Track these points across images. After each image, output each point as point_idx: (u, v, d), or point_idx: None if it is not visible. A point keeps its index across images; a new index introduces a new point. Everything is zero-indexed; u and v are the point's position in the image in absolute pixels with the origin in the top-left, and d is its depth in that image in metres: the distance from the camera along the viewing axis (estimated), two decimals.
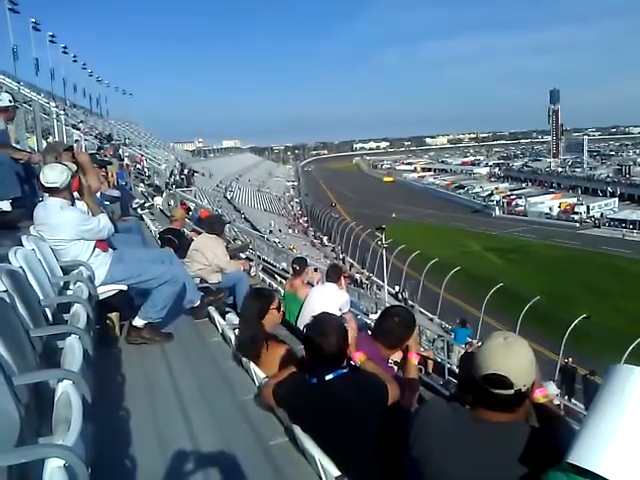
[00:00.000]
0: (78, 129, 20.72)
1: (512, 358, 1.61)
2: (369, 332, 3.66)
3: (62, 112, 19.22)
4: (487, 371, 1.60)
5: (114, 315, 4.05)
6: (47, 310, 2.81)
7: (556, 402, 11.91)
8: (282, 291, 7.77)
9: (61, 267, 3.50)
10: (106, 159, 11.07)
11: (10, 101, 5.52)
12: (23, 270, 2.69)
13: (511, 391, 1.60)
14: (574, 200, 61.21)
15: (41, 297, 2.80)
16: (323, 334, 2.41)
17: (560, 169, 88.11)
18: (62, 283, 3.39)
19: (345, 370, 2.46)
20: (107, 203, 6.39)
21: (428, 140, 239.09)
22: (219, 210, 27.07)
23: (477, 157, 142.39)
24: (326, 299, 5.50)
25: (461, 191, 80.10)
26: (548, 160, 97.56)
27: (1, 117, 5.38)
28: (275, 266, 15.99)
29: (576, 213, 55.56)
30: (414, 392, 2.93)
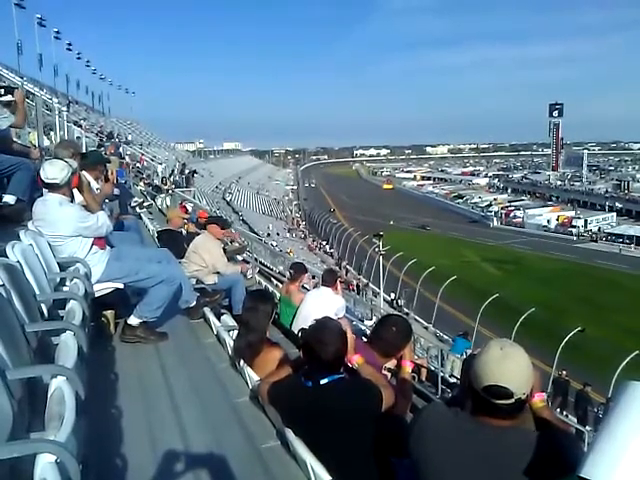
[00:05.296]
0: (80, 126, 20.71)
1: (511, 368, 1.63)
2: (364, 339, 3.66)
3: (64, 108, 19.23)
4: (487, 383, 1.62)
5: (109, 313, 4.05)
6: (43, 305, 2.80)
7: None
8: (278, 294, 7.78)
9: (58, 263, 3.50)
10: (105, 156, 11.04)
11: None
12: (20, 265, 2.69)
13: (512, 400, 1.63)
14: (572, 213, 61.47)
15: (37, 292, 2.79)
16: (323, 340, 2.40)
17: (559, 182, 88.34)
18: (58, 279, 3.38)
19: (341, 375, 2.46)
20: (106, 201, 6.37)
21: (428, 149, 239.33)
22: (217, 211, 27.01)
23: (477, 167, 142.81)
24: (322, 303, 5.50)
25: (460, 201, 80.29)
26: (547, 173, 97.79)
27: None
28: (272, 269, 15.99)
29: (574, 227, 55.71)
30: (407, 399, 2.93)
